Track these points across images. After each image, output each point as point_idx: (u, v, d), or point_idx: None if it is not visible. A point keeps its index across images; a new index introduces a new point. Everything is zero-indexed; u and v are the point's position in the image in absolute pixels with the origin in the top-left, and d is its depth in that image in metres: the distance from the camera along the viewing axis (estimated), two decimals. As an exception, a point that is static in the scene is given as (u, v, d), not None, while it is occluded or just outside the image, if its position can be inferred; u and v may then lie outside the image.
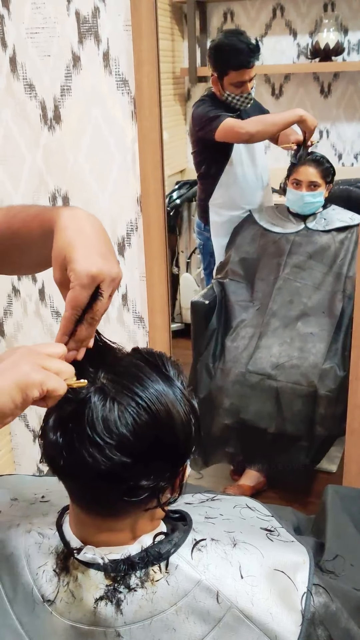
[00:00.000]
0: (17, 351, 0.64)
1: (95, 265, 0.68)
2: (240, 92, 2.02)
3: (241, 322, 2.11)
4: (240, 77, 2.00)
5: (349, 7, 2.12)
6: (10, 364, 0.62)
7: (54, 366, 0.64)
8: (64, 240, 0.70)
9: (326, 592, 0.75)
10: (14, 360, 0.63)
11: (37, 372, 0.62)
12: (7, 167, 1.70)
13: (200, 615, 0.70)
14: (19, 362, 0.62)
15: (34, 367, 0.62)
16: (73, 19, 1.51)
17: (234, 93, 2.03)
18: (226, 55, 1.99)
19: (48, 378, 0.62)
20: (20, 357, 0.63)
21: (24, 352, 0.64)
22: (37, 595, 0.73)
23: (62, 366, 0.65)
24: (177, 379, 0.72)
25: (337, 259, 2.08)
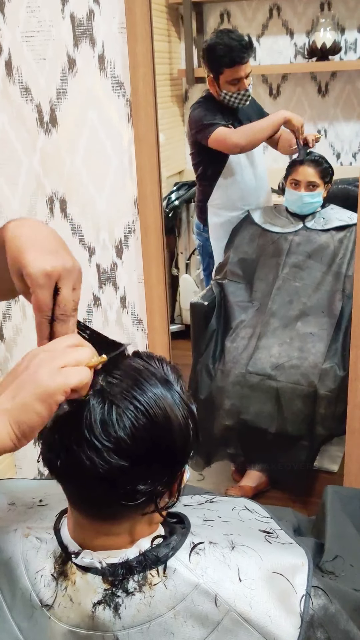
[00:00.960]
0: (31, 360, 0.64)
1: (47, 263, 0.68)
2: (237, 89, 2.02)
3: (241, 322, 2.11)
4: (235, 74, 2.00)
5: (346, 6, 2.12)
6: (28, 376, 0.62)
7: (70, 359, 0.63)
8: (13, 249, 0.70)
9: (325, 594, 0.75)
10: (30, 372, 0.62)
11: (55, 377, 0.61)
12: (4, 171, 1.70)
13: (198, 619, 0.70)
14: (36, 373, 0.62)
15: (50, 373, 0.62)
16: (68, 22, 1.51)
17: (230, 91, 2.03)
18: (219, 54, 1.99)
19: (68, 378, 0.62)
20: (36, 366, 0.63)
21: (38, 360, 0.63)
22: (35, 600, 0.73)
23: (79, 354, 0.65)
24: (176, 383, 0.71)
25: (336, 258, 2.08)
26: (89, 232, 1.70)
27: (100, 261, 1.72)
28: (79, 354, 0.64)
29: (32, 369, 0.63)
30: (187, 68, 2.22)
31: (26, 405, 0.61)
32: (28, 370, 0.63)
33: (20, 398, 0.61)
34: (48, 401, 0.61)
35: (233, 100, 2.04)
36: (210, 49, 2.03)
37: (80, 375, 0.63)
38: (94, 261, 1.72)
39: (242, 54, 1.97)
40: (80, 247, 1.72)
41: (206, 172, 2.18)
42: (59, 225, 1.71)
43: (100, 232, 1.68)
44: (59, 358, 0.63)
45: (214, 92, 2.07)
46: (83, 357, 0.65)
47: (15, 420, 0.61)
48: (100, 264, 1.72)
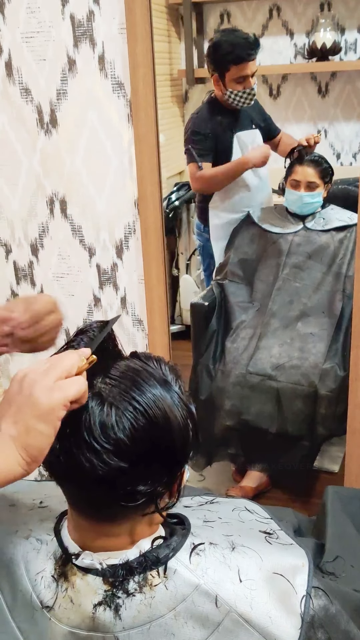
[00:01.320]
0: (22, 382, 0.64)
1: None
2: (243, 88, 2.02)
3: (241, 323, 2.11)
4: (241, 72, 2.00)
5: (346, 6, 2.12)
6: (24, 398, 0.63)
7: (61, 370, 0.64)
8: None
9: (326, 595, 0.75)
10: (25, 394, 0.63)
11: (51, 393, 0.62)
12: (4, 172, 1.70)
13: (199, 620, 0.70)
14: (31, 394, 0.62)
15: (46, 390, 0.62)
16: (68, 23, 1.51)
17: (236, 90, 2.02)
18: (226, 51, 1.99)
19: (65, 391, 0.62)
20: (29, 387, 0.63)
21: (29, 380, 0.64)
22: (35, 602, 0.73)
23: (66, 362, 0.65)
24: (175, 383, 0.71)
25: (337, 258, 2.08)
26: (89, 233, 1.70)
27: (101, 262, 1.72)
28: (66, 363, 0.65)
29: (27, 390, 0.63)
30: (187, 68, 2.22)
31: (30, 428, 0.61)
32: (22, 392, 0.63)
33: (22, 422, 0.62)
34: (50, 419, 0.61)
35: (238, 99, 2.04)
36: (216, 46, 2.03)
37: (76, 386, 0.63)
38: (94, 262, 1.72)
39: (249, 51, 1.98)
40: (80, 247, 1.72)
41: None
42: (59, 226, 1.72)
43: (101, 233, 1.68)
44: (49, 373, 0.64)
45: (218, 92, 2.07)
46: (71, 364, 0.65)
47: (23, 446, 0.61)
48: (100, 264, 1.72)
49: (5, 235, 1.78)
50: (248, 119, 2.16)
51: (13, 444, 0.61)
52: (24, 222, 1.75)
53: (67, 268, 1.76)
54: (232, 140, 2.12)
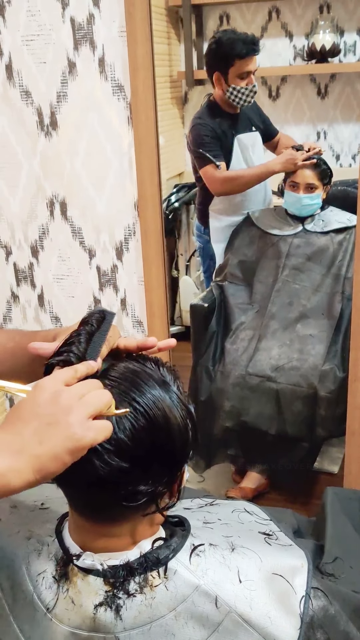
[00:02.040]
0: (58, 400, 0.62)
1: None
2: (246, 84, 2.03)
3: (240, 324, 2.12)
4: (245, 66, 2.01)
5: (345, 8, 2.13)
6: (58, 424, 0.61)
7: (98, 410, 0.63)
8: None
9: (325, 596, 0.75)
10: (60, 419, 0.61)
11: (87, 431, 0.61)
12: (4, 174, 1.71)
13: (199, 620, 0.71)
14: (68, 423, 0.61)
15: (82, 425, 0.61)
16: (68, 26, 1.52)
17: (239, 86, 2.03)
18: (231, 45, 2.01)
19: (97, 434, 0.62)
20: (65, 412, 0.61)
21: (65, 403, 0.62)
22: (37, 602, 0.73)
23: (103, 401, 0.64)
24: (173, 383, 0.72)
25: (336, 260, 2.08)
26: (90, 235, 1.70)
27: (101, 263, 1.72)
28: (105, 401, 0.64)
29: (62, 416, 0.61)
30: (187, 70, 2.23)
31: (57, 457, 0.60)
32: (56, 413, 0.61)
33: (51, 448, 0.60)
34: (77, 455, 0.61)
35: (241, 96, 2.04)
36: (219, 42, 2.04)
37: (107, 432, 0.63)
38: (94, 263, 1.73)
39: (253, 46, 2.01)
40: (80, 249, 1.72)
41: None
42: (59, 228, 1.72)
43: (101, 235, 1.69)
44: (86, 406, 0.62)
45: (219, 93, 2.07)
46: (105, 404, 0.64)
47: (41, 469, 0.60)
48: (100, 266, 1.72)
49: (5, 237, 1.78)
50: (247, 122, 2.17)
51: (32, 463, 0.60)
52: (24, 224, 1.75)
53: (67, 270, 1.77)
54: (233, 142, 2.13)
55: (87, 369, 0.68)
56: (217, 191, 2.14)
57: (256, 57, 2.03)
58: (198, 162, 2.10)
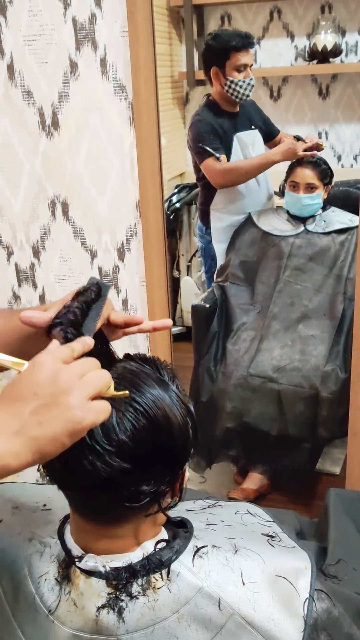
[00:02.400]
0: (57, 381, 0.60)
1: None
2: (244, 77, 2.05)
3: (242, 325, 2.11)
4: (242, 59, 2.04)
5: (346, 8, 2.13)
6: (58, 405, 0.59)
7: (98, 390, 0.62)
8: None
9: (328, 598, 0.75)
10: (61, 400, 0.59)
11: (87, 413, 0.60)
12: (5, 174, 1.71)
13: (202, 623, 0.70)
14: (70, 407, 0.59)
15: (83, 407, 0.60)
16: (70, 26, 1.52)
17: (237, 78, 2.04)
18: (225, 39, 2.05)
19: (98, 415, 0.61)
20: (65, 392, 0.60)
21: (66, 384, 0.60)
22: (39, 604, 0.73)
23: (103, 382, 0.63)
24: (172, 383, 0.72)
25: (338, 260, 2.08)
26: (91, 235, 1.70)
27: (102, 264, 1.72)
28: (102, 382, 0.63)
29: (62, 396, 0.60)
30: (188, 70, 2.23)
31: (56, 439, 0.59)
32: (56, 394, 0.60)
33: (51, 430, 0.59)
34: (77, 437, 0.60)
35: (239, 89, 2.05)
36: (215, 37, 2.08)
37: (107, 413, 0.63)
38: (96, 264, 1.72)
39: (248, 40, 2.04)
40: (82, 250, 1.72)
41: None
42: (61, 228, 1.72)
43: (102, 235, 1.69)
44: (87, 387, 0.61)
45: (217, 88, 2.08)
46: (105, 384, 0.64)
47: (40, 450, 0.59)
48: (102, 266, 1.72)
49: (7, 237, 1.78)
50: (247, 120, 2.17)
51: (30, 444, 0.59)
52: (26, 225, 1.75)
53: (68, 270, 1.76)
54: (232, 140, 2.13)
55: (84, 347, 0.66)
56: (218, 183, 2.13)
57: (252, 51, 2.06)
58: (198, 157, 2.11)
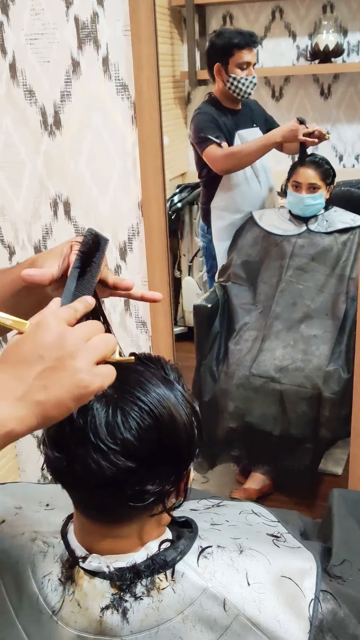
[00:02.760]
0: (64, 344, 0.58)
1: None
2: (246, 74, 2.05)
3: (244, 325, 2.11)
4: (245, 57, 2.04)
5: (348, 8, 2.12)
6: (64, 368, 0.57)
7: (104, 355, 0.60)
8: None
9: (334, 599, 0.74)
10: (67, 364, 0.58)
11: (94, 377, 0.58)
12: (7, 174, 1.70)
13: (207, 624, 0.70)
14: (77, 371, 0.58)
15: (89, 371, 0.58)
16: (72, 25, 1.51)
17: (239, 76, 2.04)
18: (230, 36, 2.05)
19: (104, 380, 0.59)
20: (71, 356, 0.58)
21: (72, 347, 0.58)
22: (42, 605, 0.73)
23: (109, 347, 0.61)
24: (178, 382, 0.72)
25: (340, 260, 2.08)
26: (93, 235, 1.69)
27: (104, 264, 1.71)
28: (109, 347, 0.62)
29: (68, 359, 0.58)
30: (190, 70, 2.22)
31: (62, 403, 0.57)
32: (62, 357, 0.57)
33: (57, 394, 0.57)
34: (82, 401, 0.59)
35: (241, 86, 2.05)
36: (219, 34, 2.08)
37: (112, 378, 0.61)
38: (98, 264, 1.72)
39: (251, 38, 2.05)
40: (84, 249, 1.72)
41: (209, 175, 2.18)
42: (62, 228, 1.71)
43: (104, 235, 1.68)
44: (93, 351, 0.59)
45: (220, 85, 2.08)
46: (111, 349, 0.62)
47: (44, 414, 0.57)
48: (104, 266, 1.72)
49: (9, 237, 1.78)
50: (249, 118, 2.17)
51: (34, 409, 0.57)
52: (28, 224, 1.74)
53: (70, 270, 1.76)
54: (234, 137, 2.13)
55: (86, 307, 0.65)
56: (221, 168, 2.11)
57: (255, 50, 2.06)
58: (200, 147, 2.09)
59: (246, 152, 2.10)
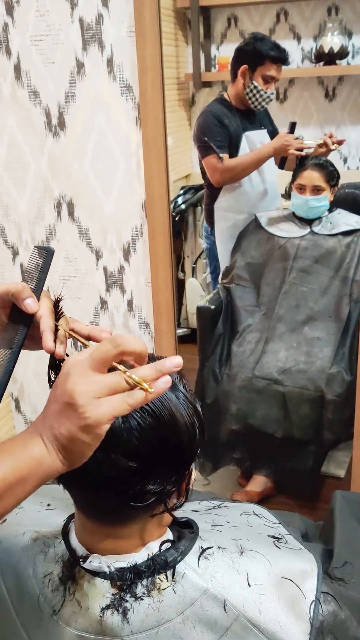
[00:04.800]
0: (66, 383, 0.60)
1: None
2: (267, 87, 2.05)
3: (247, 326, 2.11)
4: (273, 70, 2.05)
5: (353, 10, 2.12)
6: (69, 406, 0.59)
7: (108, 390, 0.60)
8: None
9: (335, 600, 0.74)
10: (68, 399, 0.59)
11: (99, 408, 0.58)
12: (12, 174, 1.71)
13: (207, 624, 0.70)
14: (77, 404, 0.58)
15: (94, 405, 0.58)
16: (77, 26, 1.52)
17: (260, 86, 2.05)
18: (268, 45, 2.05)
19: (112, 407, 0.59)
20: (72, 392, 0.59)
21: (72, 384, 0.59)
22: (43, 605, 0.73)
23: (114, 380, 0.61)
24: (180, 382, 0.72)
25: (344, 262, 2.08)
26: (97, 236, 1.70)
27: (108, 264, 1.72)
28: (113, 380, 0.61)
29: (68, 395, 0.59)
30: (194, 72, 2.23)
31: (74, 438, 0.59)
32: (64, 395, 0.59)
33: (66, 428, 0.59)
34: (96, 432, 0.59)
35: (258, 97, 2.06)
36: (259, 38, 2.07)
37: (122, 405, 0.60)
38: (102, 264, 1.72)
39: (285, 56, 2.05)
40: (87, 250, 1.72)
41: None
42: (66, 229, 1.72)
43: (108, 236, 1.69)
44: (96, 383, 0.60)
45: (238, 87, 2.08)
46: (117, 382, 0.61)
47: (65, 449, 0.60)
48: (107, 267, 1.72)
49: (12, 237, 1.78)
50: (257, 120, 2.17)
51: (56, 444, 0.60)
52: (32, 225, 1.75)
53: (74, 271, 1.76)
54: (241, 138, 2.13)
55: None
56: (217, 181, 2.15)
57: (285, 66, 2.05)
58: (201, 152, 2.11)
59: (242, 167, 2.12)
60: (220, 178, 2.14)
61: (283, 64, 2.04)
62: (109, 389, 0.59)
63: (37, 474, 0.60)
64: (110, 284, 1.73)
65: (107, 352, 0.60)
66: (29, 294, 0.70)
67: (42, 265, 0.71)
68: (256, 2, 2.18)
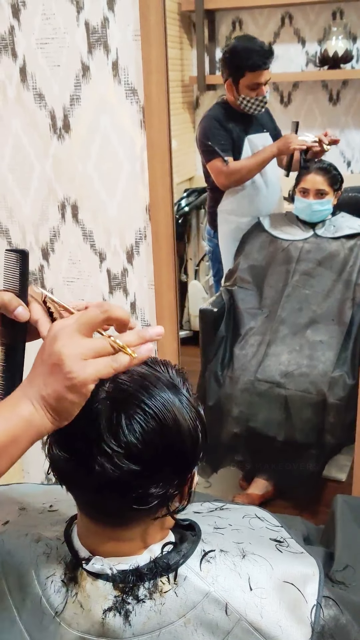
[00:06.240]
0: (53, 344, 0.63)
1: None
2: (256, 94, 2.05)
3: (250, 329, 2.11)
4: (256, 79, 2.03)
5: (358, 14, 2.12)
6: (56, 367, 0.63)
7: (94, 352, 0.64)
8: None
9: (336, 605, 0.74)
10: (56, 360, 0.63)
11: (85, 369, 0.62)
12: (16, 176, 1.71)
13: (209, 628, 0.70)
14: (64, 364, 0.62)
15: (79, 365, 0.62)
16: (82, 30, 1.52)
17: (249, 96, 2.04)
18: (242, 57, 2.03)
19: (96, 371, 0.63)
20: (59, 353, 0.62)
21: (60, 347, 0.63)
22: (45, 606, 0.73)
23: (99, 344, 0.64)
24: (183, 386, 0.72)
25: (347, 266, 2.08)
26: (100, 238, 1.70)
27: (111, 267, 1.72)
28: (98, 344, 0.65)
29: (56, 356, 0.62)
30: (199, 75, 2.23)
31: (60, 397, 0.63)
32: (52, 356, 0.63)
33: (53, 389, 0.63)
34: (82, 391, 0.63)
35: (250, 105, 2.06)
36: (233, 52, 2.06)
37: (107, 367, 0.64)
38: (105, 266, 1.73)
39: (265, 59, 2.02)
40: (91, 252, 1.72)
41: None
42: (70, 231, 1.72)
43: (112, 238, 1.69)
44: (82, 345, 0.63)
45: (230, 97, 2.08)
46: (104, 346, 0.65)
47: (53, 409, 0.63)
48: (110, 269, 1.72)
49: (16, 239, 1.79)
50: (259, 123, 2.18)
51: (44, 403, 0.63)
52: (36, 227, 1.75)
53: (77, 272, 1.77)
54: (243, 142, 2.13)
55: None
56: (222, 184, 2.15)
57: (269, 68, 2.04)
58: (205, 157, 2.11)
59: (247, 169, 2.13)
60: (226, 181, 2.14)
61: (265, 68, 2.02)
62: (94, 352, 0.63)
63: (28, 433, 0.63)
64: (113, 286, 1.74)
65: (94, 316, 0.64)
66: (17, 303, 0.72)
67: (21, 269, 0.72)
68: (261, 6, 2.18)
